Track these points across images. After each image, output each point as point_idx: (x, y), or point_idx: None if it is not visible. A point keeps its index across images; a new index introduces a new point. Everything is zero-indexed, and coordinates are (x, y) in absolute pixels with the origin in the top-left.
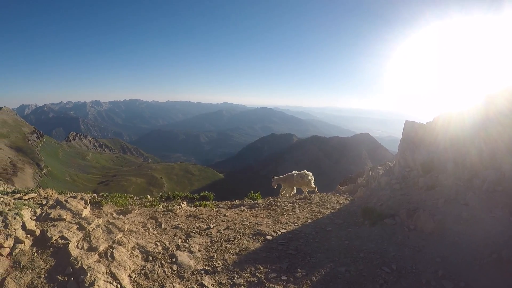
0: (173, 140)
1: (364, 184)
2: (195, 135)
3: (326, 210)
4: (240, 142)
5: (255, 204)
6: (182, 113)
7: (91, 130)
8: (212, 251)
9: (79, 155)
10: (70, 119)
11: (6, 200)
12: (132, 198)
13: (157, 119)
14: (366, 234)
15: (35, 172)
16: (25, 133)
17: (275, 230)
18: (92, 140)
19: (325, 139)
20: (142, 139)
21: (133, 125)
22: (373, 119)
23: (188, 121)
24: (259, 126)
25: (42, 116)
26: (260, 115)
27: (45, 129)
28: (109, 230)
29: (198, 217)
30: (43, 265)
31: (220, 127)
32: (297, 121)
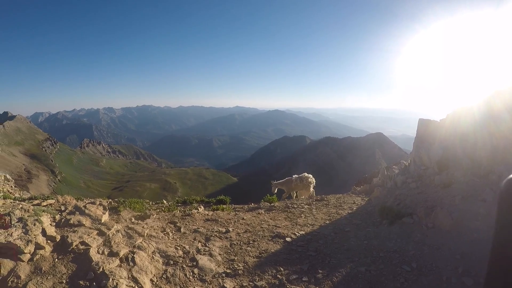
0: (186, 145)
1: (380, 184)
2: (208, 139)
3: (343, 211)
4: (253, 145)
5: (272, 207)
6: (194, 118)
7: (105, 136)
8: (232, 254)
9: (93, 162)
10: (84, 126)
11: (25, 207)
12: (148, 203)
13: (170, 125)
14: (384, 234)
15: (50, 179)
16: (39, 141)
17: (294, 232)
18: (106, 147)
19: (338, 140)
20: (155, 145)
21: (146, 131)
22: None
23: (201, 126)
24: (272, 129)
25: (56, 123)
26: (272, 117)
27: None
28: (129, 235)
29: (217, 220)
30: (64, 271)
31: (232, 130)
32: (309, 122)
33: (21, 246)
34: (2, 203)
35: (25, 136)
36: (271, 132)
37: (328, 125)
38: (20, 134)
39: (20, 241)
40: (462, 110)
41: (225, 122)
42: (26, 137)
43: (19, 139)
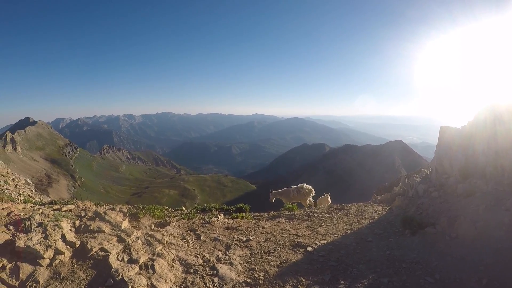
0: (205, 152)
1: (401, 192)
2: (227, 146)
3: (365, 220)
4: (272, 153)
5: (292, 216)
6: (213, 125)
7: (124, 143)
8: (253, 264)
9: (112, 167)
10: (104, 132)
11: (45, 212)
12: (167, 210)
13: (189, 132)
14: (407, 244)
15: (70, 184)
16: (60, 146)
17: (315, 241)
18: (126, 153)
19: (357, 148)
20: (174, 151)
21: (166, 137)
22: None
23: (220, 133)
24: (291, 137)
25: (77, 129)
26: (291, 125)
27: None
28: (149, 242)
29: (237, 229)
30: (83, 277)
31: (251, 138)
32: (328, 130)
33: (40, 251)
34: (23, 207)
35: (46, 141)
36: (290, 140)
37: (347, 133)
38: (41, 139)
39: (39, 246)
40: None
41: (244, 130)
42: (47, 142)
43: (40, 144)
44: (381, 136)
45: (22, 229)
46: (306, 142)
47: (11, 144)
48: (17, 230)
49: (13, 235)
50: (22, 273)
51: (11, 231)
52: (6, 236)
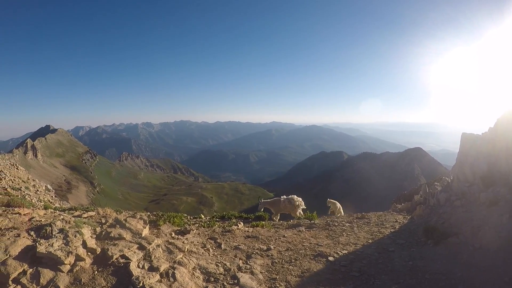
0: (223, 159)
1: (422, 201)
2: (245, 154)
3: (386, 230)
4: (289, 160)
5: (312, 224)
6: (231, 133)
7: (143, 150)
8: (274, 273)
9: (131, 175)
10: (123, 140)
11: (66, 218)
12: (186, 218)
13: (207, 139)
14: (430, 254)
15: (89, 190)
16: (80, 153)
17: (336, 251)
18: (144, 160)
19: (376, 155)
20: (192, 159)
21: (184, 145)
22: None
23: (238, 141)
24: (309, 144)
25: (96, 137)
26: (309, 133)
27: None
28: (169, 250)
29: (257, 237)
30: (104, 283)
31: (269, 146)
32: (346, 138)
33: (61, 257)
34: (44, 213)
35: (66, 149)
36: (308, 148)
37: (365, 140)
38: (61, 146)
39: (60, 252)
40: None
41: (262, 138)
42: (67, 150)
43: (60, 151)
44: (400, 144)
45: (44, 235)
46: (324, 150)
47: (31, 151)
48: (38, 235)
49: (34, 241)
50: (43, 278)
51: (32, 237)
52: (27, 242)
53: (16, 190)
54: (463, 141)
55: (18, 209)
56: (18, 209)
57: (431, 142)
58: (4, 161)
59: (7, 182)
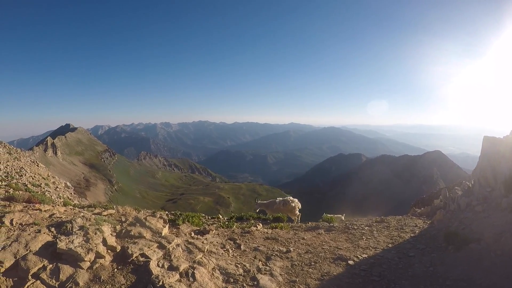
0: (240, 160)
1: (442, 206)
2: (263, 155)
3: (406, 234)
4: (307, 162)
5: (331, 227)
6: (249, 134)
7: (161, 150)
8: (293, 275)
9: (149, 174)
10: (141, 139)
11: (86, 215)
12: (204, 217)
13: (225, 140)
14: (450, 260)
15: (107, 188)
16: (99, 152)
17: (356, 254)
18: (162, 160)
19: (395, 158)
20: (210, 159)
21: (202, 145)
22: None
23: (256, 142)
24: (327, 146)
25: (115, 136)
26: (327, 135)
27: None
28: (189, 250)
29: (277, 239)
30: (123, 281)
31: (287, 147)
32: (365, 140)
33: (81, 253)
34: (64, 210)
35: (85, 147)
36: (326, 150)
37: (384, 143)
38: (81, 145)
39: (80, 249)
40: None
41: (280, 139)
42: (86, 148)
43: (79, 150)
44: (419, 147)
45: (64, 232)
46: (342, 152)
47: (51, 148)
48: (58, 232)
49: (54, 237)
50: (62, 274)
51: (52, 233)
52: (47, 238)
53: (36, 187)
54: (484, 144)
55: (38, 205)
56: (38, 205)
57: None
58: (25, 158)
59: (28, 178)
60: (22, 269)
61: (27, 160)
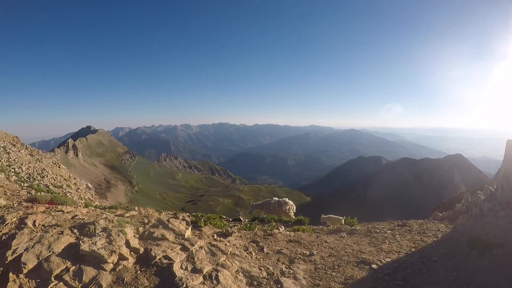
0: (260, 162)
1: (464, 210)
2: (282, 158)
3: (428, 239)
4: (327, 165)
5: (354, 231)
6: (269, 136)
7: (181, 151)
8: (317, 279)
9: (169, 175)
10: (162, 141)
11: (109, 217)
12: (225, 219)
13: (245, 142)
14: (474, 266)
15: (127, 189)
16: (119, 153)
17: (379, 258)
18: (182, 161)
19: (415, 161)
20: (230, 161)
21: (222, 147)
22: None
23: (276, 144)
24: (347, 149)
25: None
26: (347, 137)
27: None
28: (212, 252)
29: (299, 242)
30: (147, 283)
31: (307, 150)
32: (385, 142)
33: (104, 255)
34: (86, 211)
35: (106, 149)
36: (347, 152)
37: (405, 146)
38: (102, 146)
39: (104, 251)
40: None
41: (300, 141)
42: (107, 150)
43: (100, 151)
44: (440, 150)
45: (87, 233)
46: (362, 154)
47: (73, 150)
48: (81, 233)
49: (77, 239)
50: (85, 276)
51: (75, 235)
52: (70, 239)
53: (58, 188)
54: (508, 148)
55: (61, 207)
56: (61, 206)
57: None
58: (47, 159)
59: (49, 180)
60: (45, 270)
61: (49, 161)
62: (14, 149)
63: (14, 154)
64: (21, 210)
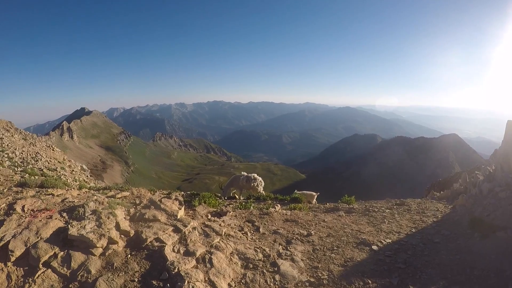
0: (255, 140)
1: (462, 190)
2: (278, 135)
3: (428, 219)
4: (322, 142)
5: (351, 209)
6: (264, 113)
7: (176, 130)
8: (315, 261)
9: (164, 154)
10: (156, 120)
11: (99, 199)
12: (220, 198)
13: (240, 120)
14: (477, 249)
15: (123, 169)
16: (114, 134)
17: (380, 239)
18: (177, 140)
19: (410, 140)
20: (225, 139)
21: (217, 125)
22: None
23: (271, 122)
24: (342, 126)
25: (130, 118)
26: (343, 115)
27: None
28: (206, 234)
29: (296, 221)
30: (137, 268)
31: (302, 127)
32: (381, 121)
33: (93, 240)
34: (77, 193)
35: (101, 130)
36: (342, 130)
37: (400, 124)
38: (96, 128)
39: (92, 235)
40: None
41: (295, 119)
42: (101, 131)
43: (95, 133)
44: (435, 129)
45: (76, 217)
46: (357, 132)
47: (67, 132)
48: (70, 217)
49: (66, 223)
50: (74, 262)
51: (64, 218)
52: (59, 223)
53: (52, 171)
54: (508, 129)
55: (51, 190)
56: (51, 189)
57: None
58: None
59: (43, 163)
60: (33, 257)
61: (43, 145)
62: (7, 134)
63: (7, 139)
64: (10, 195)
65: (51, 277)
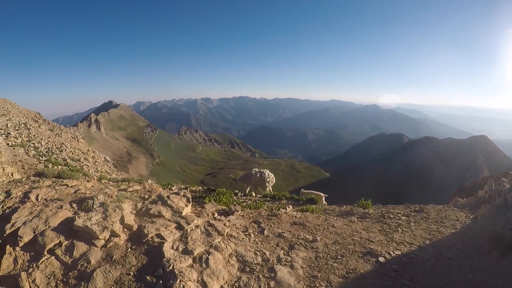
0: (280, 136)
1: (487, 199)
2: (303, 132)
3: (445, 229)
4: (348, 140)
5: (366, 214)
6: (289, 110)
7: (202, 125)
8: (315, 270)
9: (189, 148)
10: (182, 114)
11: (109, 192)
12: (237, 195)
13: (265, 116)
14: (492, 268)
15: (148, 161)
16: (141, 127)
17: (389, 250)
18: (202, 134)
19: (438, 141)
20: (250, 135)
21: (242, 121)
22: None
23: (296, 118)
24: (368, 125)
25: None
26: (369, 113)
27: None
28: (208, 233)
29: (304, 225)
30: (134, 262)
31: (327, 124)
32: (408, 120)
33: (96, 231)
34: (91, 185)
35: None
36: (368, 128)
37: (428, 124)
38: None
39: (96, 227)
40: None
41: (320, 116)
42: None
43: (122, 125)
44: (464, 130)
45: (85, 208)
46: (383, 131)
47: (95, 124)
48: (79, 208)
49: (75, 213)
50: (76, 251)
51: (73, 209)
52: (68, 214)
53: (75, 161)
54: None
55: (66, 181)
56: (67, 180)
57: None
58: (66, 134)
59: (68, 153)
60: (39, 244)
61: (68, 136)
62: (35, 125)
63: (34, 130)
64: (27, 184)
65: (53, 264)
